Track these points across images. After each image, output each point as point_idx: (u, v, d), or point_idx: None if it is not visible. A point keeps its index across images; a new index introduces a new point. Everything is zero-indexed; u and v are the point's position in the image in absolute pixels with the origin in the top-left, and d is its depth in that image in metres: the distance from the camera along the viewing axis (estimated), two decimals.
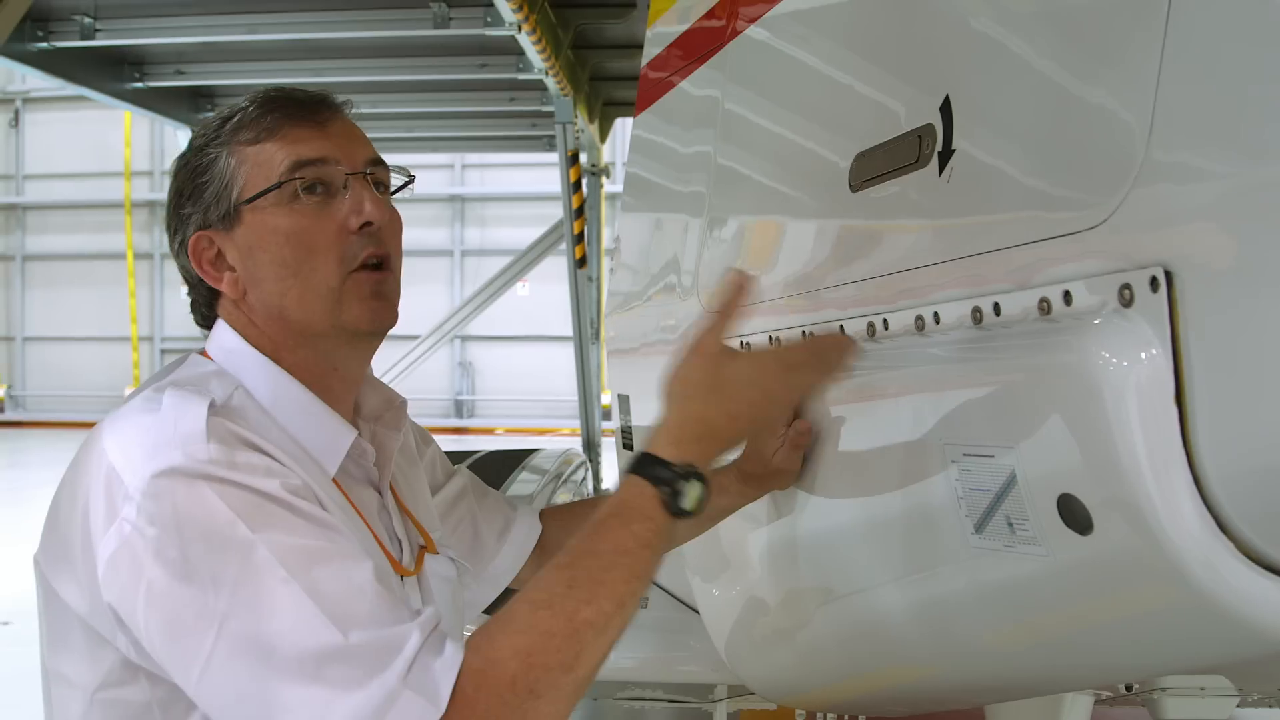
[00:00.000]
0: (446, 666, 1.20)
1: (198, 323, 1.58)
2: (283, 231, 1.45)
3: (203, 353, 1.52)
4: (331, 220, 1.46)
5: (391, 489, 1.62)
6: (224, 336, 1.50)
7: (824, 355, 1.49)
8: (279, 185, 1.44)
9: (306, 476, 1.35)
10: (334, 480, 1.46)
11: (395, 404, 1.67)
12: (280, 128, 1.47)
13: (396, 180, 1.58)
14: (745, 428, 1.45)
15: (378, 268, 1.49)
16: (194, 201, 1.49)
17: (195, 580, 1.23)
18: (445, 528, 1.76)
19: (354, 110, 1.57)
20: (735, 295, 1.43)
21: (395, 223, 1.53)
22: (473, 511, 1.85)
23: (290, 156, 1.45)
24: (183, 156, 1.52)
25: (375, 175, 1.51)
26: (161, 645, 1.26)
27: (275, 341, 1.49)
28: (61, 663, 1.39)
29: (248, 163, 1.46)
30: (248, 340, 1.49)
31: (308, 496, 1.32)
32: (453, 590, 1.69)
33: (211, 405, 1.33)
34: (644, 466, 1.35)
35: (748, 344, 2.17)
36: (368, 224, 1.47)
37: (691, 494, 1.34)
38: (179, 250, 1.52)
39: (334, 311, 1.46)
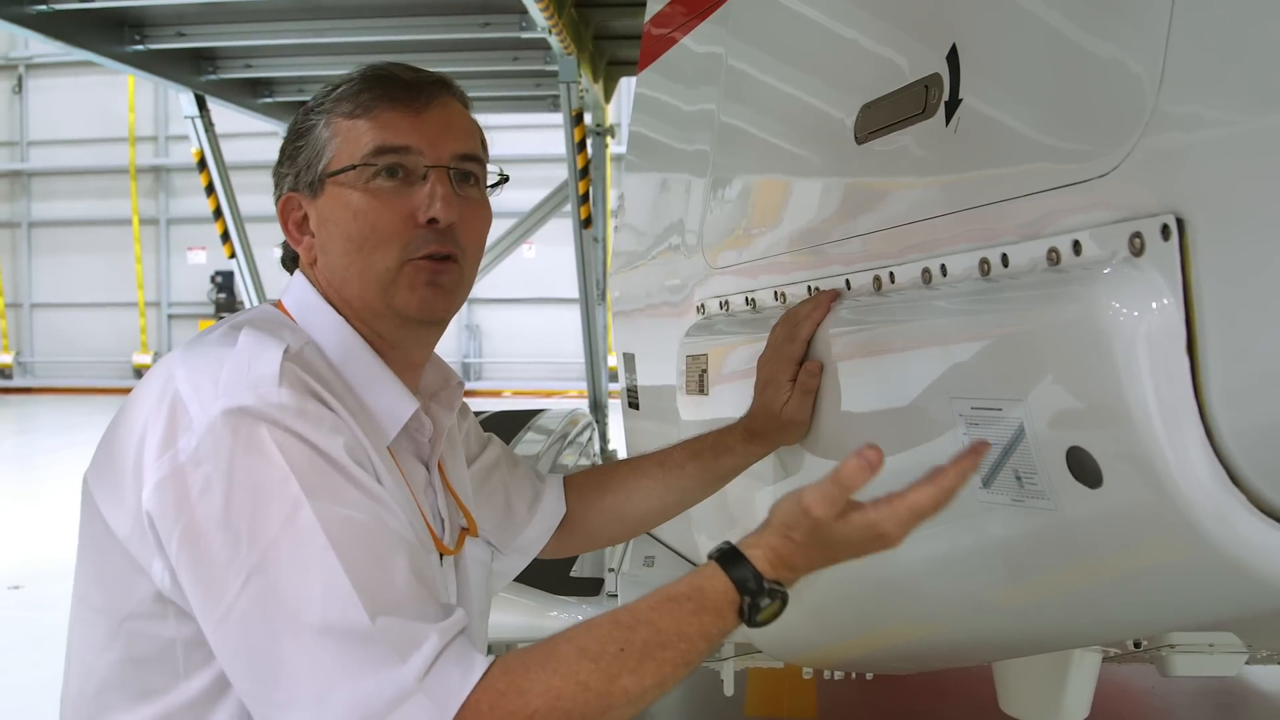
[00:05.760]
0: (464, 679, 1.20)
1: (289, 271, 1.60)
2: (354, 208, 1.46)
3: (277, 304, 1.54)
4: (402, 207, 1.47)
5: (439, 467, 1.62)
6: (302, 290, 1.53)
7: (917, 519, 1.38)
8: (356, 166, 1.46)
9: (365, 438, 1.35)
10: (388, 449, 1.46)
11: (452, 383, 1.67)
12: (375, 107, 1.48)
13: (490, 174, 1.58)
14: (849, 561, 1.40)
15: (440, 259, 1.49)
16: (290, 163, 1.53)
17: (233, 527, 1.23)
18: (479, 498, 1.76)
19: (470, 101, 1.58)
20: (861, 476, 1.29)
21: (473, 219, 1.53)
22: (505, 482, 1.85)
23: (375, 140, 1.47)
24: (295, 117, 1.56)
25: (463, 169, 1.51)
26: (188, 583, 1.26)
27: (339, 309, 1.51)
28: (92, 586, 1.40)
29: (339, 136, 1.49)
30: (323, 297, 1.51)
31: (364, 463, 1.32)
32: (486, 574, 1.71)
33: (287, 350, 1.34)
34: (735, 566, 1.31)
35: (753, 300, 2.15)
36: (434, 220, 1.47)
37: (769, 611, 1.30)
38: (277, 205, 1.56)
39: (387, 294, 1.47)
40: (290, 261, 1.59)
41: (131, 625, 1.34)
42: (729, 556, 1.32)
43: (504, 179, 1.60)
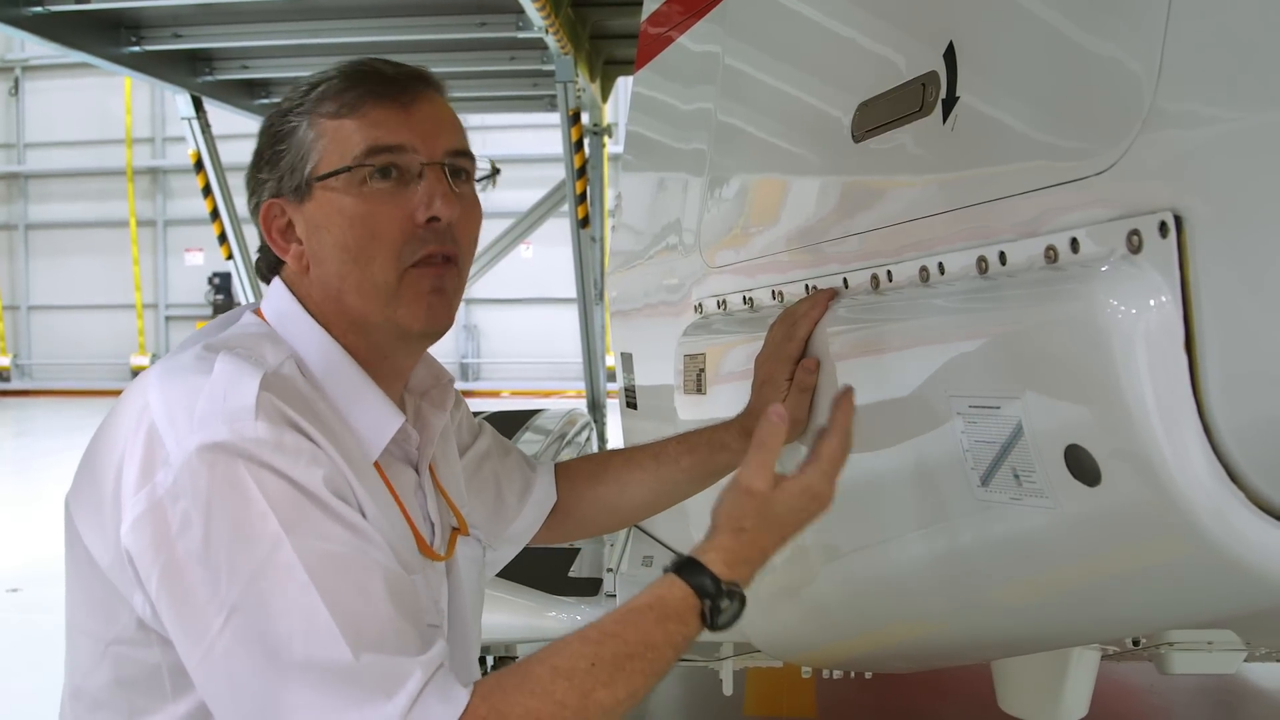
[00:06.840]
0: (447, 712, 1.20)
1: (264, 280, 1.56)
2: (348, 214, 1.41)
3: (256, 311, 1.50)
4: (400, 209, 1.42)
5: (430, 468, 1.60)
6: (281, 299, 1.48)
7: (837, 468, 1.45)
8: (350, 168, 1.41)
9: (346, 459, 1.33)
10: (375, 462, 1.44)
11: (443, 381, 1.65)
12: (362, 105, 1.43)
13: (481, 169, 1.54)
14: (796, 536, 1.43)
15: (441, 261, 1.46)
16: (271, 168, 1.46)
17: (212, 565, 1.21)
18: (470, 489, 1.75)
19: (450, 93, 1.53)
20: (775, 433, 1.38)
21: (468, 217, 1.49)
22: (496, 472, 1.84)
23: (367, 140, 1.42)
24: (268, 119, 1.50)
25: (455, 164, 1.47)
26: (169, 620, 1.25)
27: (329, 320, 1.46)
28: (79, 609, 1.39)
29: (325, 137, 1.43)
30: (305, 308, 1.47)
31: (345, 493, 1.30)
32: (478, 571, 1.69)
33: (264, 379, 1.30)
34: (691, 574, 1.33)
35: (750, 299, 2.15)
36: (435, 219, 1.43)
37: (730, 612, 1.33)
38: (254, 212, 1.50)
39: (389, 306, 1.43)
40: (268, 270, 1.54)
41: (117, 650, 1.34)
42: (685, 565, 1.35)
43: (495, 171, 1.56)
